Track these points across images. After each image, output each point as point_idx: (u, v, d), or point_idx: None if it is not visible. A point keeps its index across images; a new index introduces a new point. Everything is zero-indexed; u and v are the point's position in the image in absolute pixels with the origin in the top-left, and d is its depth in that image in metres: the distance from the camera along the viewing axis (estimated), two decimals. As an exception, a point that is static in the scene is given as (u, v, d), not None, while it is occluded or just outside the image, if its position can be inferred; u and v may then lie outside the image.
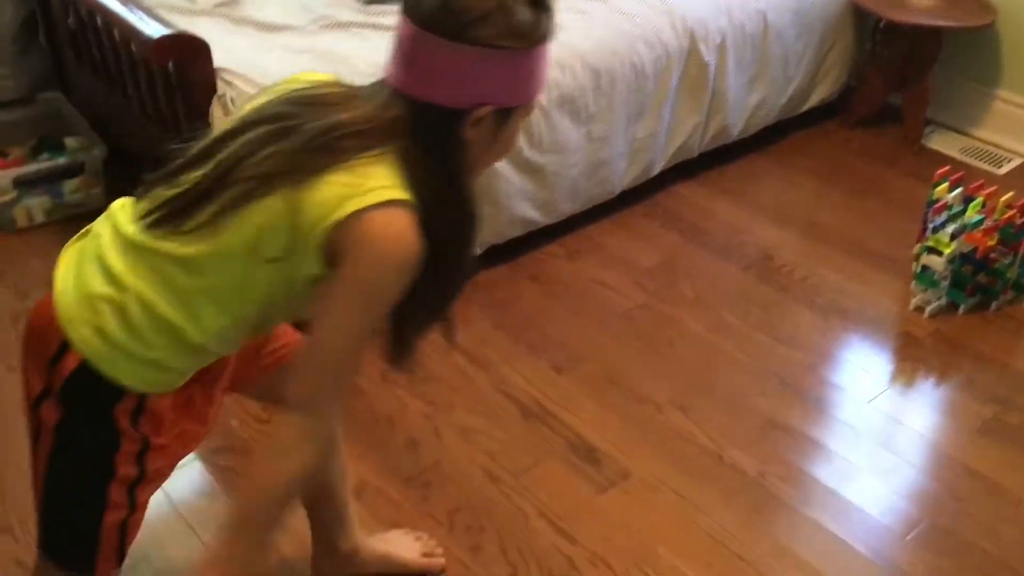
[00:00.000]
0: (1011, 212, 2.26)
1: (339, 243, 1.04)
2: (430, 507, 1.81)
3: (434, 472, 1.89)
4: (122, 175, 2.57)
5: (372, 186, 1.04)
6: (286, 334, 1.40)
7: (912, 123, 2.97)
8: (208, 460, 1.87)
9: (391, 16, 2.46)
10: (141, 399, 1.15)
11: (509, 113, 1.12)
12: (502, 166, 2.31)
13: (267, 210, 1.06)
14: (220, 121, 2.04)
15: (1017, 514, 1.79)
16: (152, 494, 1.26)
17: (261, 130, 1.08)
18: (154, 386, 1.15)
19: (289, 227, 1.06)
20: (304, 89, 1.13)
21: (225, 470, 1.87)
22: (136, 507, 1.22)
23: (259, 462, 1.18)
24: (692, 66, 2.64)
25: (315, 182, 1.04)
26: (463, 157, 1.12)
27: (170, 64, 2.04)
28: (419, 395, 2.07)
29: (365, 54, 2.24)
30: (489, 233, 2.40)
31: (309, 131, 1.06)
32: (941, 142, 3.03)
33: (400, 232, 1.04)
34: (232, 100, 2.04)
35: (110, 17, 2.14)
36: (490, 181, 2.31)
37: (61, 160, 2.48)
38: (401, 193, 1.05)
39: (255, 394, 1.48)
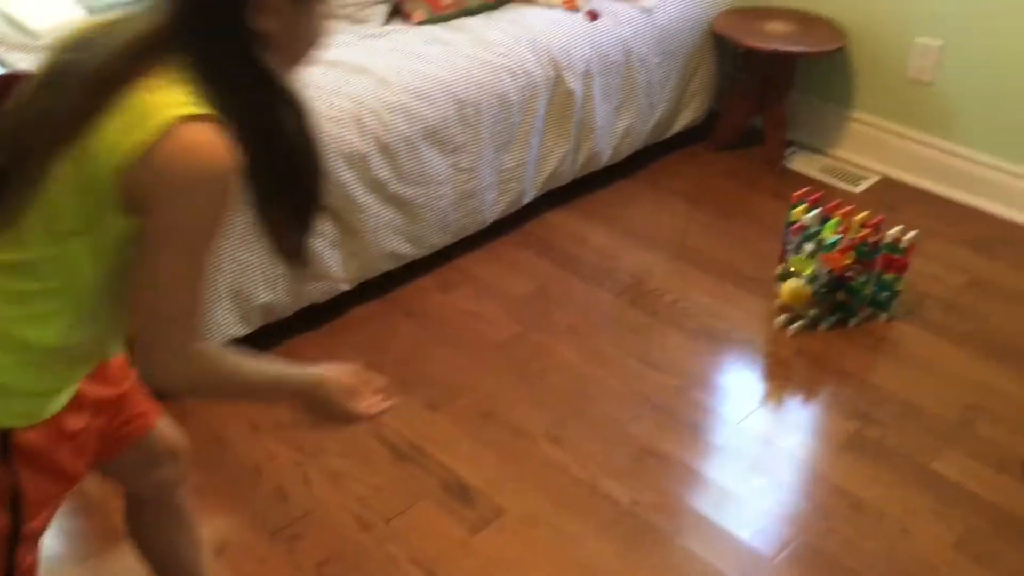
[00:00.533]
0: (865, 231, 2.34)
1: (136, 186, 0.91)
2: (298, 559, 1.74)
3: (303, 522, 1.82)
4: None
5: (156, 111, 0.90)
6: (141, 403, 1.31)
7: (773, 145, 3.06)
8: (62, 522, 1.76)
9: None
10: (3, 437, 1.04)
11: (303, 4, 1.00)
12: (367, 200, 2.26)
13: (56, 178, 0.94)
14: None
15: (879, 529, 1.84)
16: (35, 552, 1.13)
17: (34, 90, 0.97)
18: (13, 418, 1.05)
19: (79, 188, 0.93)
20: (76, 33, 1.01)
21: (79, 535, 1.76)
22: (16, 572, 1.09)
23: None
24: (558, 95, 2.66)
25: (94, 128, 0.92)
26: (263, 53, 0.98)
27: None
28: (288, 441, 2.00)
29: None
30: (358, 268, 2.35)
31: (78, 74, 0.94)
32: (802, 162, 3.13)
33: (200, 151, 0.90)
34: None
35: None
36: (355, 216, 2.26)
37: None
38: (192, 107, 0.91)
39: (113, 471, 1.33)
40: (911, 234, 2.32)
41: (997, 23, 2.69)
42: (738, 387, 2.20)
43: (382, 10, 2.63)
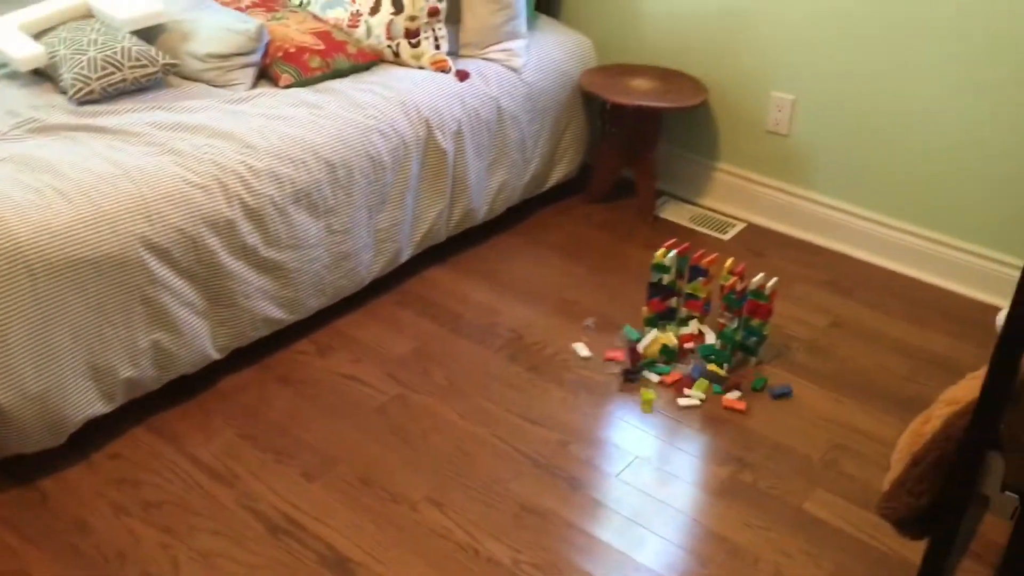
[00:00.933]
0: (733, 279, 2.41)
1: None
2: (167, 650, 1.66)
3: (172, 608, 1.74)
4: None
5: None
6: None
7: (645, 196, 3.14)
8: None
9: (107, 116, 2.34)
10: None
11: None
12: (236, 267, 2.22)
13: None
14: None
15: (754, 572, 1.88)
16: None
17: None
18: None
19: None
20: None
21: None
22: None
23: None
24: (431, 154, 2.68)
25: None
26: None
27: None
28: (154, 523, 1.91)
29: (73, 159, 2.10)
30: (230, 337, 2.29)
31: None
32: (673, 212, 3.22)
33: None
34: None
35: None
36: (224, 283, 2.21)
37: None
38: None
39: None
40: (773, 280, 2.41)
41: (843, 79, 2.85)
42: (616, 439, 2.23)
43: (249, 74, 2.60)
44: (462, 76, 2.81)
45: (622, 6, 3.21)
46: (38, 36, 2.55)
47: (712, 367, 2.40)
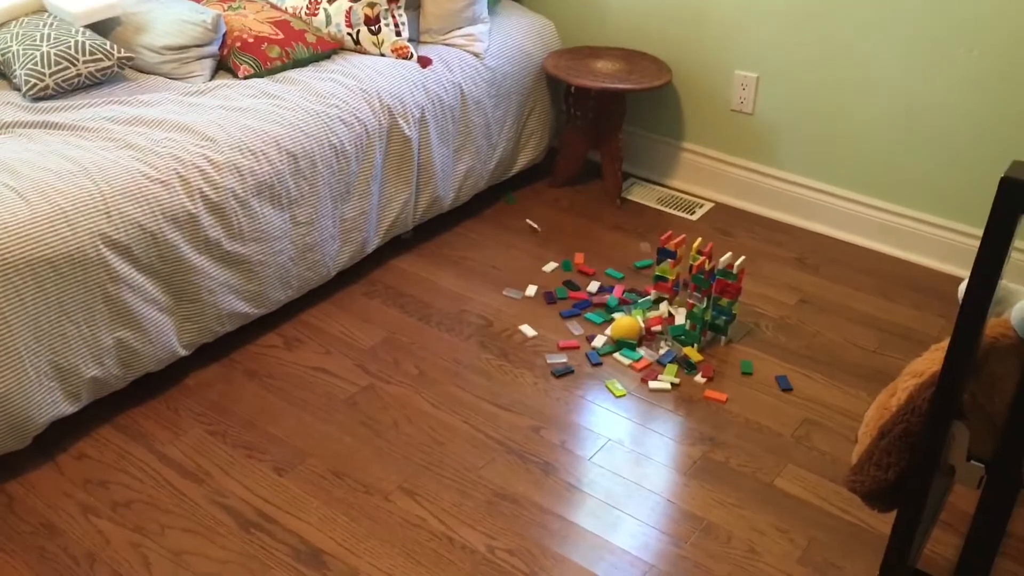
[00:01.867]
0: (701, 258, 2.42)
1: None
2: (139, 650, 1.64)
3: (144, 608, 1.72)
4: None
5: None
6: None
7: (611, 178, 3.14)
8: None
9: (62, 112, 2.30)
10: None
11: None
12: (199, 261, 2.19)
13: None
14: None
15: (727, 551, 1.89)
16: None
17: None
18: None
19: None
20: None
21: None
22: None
23: None
24: (394, 142, 2.66)
25: None
26: None
27: None
28: (124, 522, 1.89)
29: (30, 157, 2.07)
30: (196, 332, 2.26)
31: None
32: (640, 194, 3.22)
33: None
34: None
35: None
36: (187, 278, 2.18)
37: None
38: None
39: None
40: (740, 259, 2.41)
41: (805, 56, 2.85)
42: (589, 423, 2.23)
43: (207, 65, 2.57)
44: (424, 63, 2.79)
45: (584, -12, 3.20)
46: (-11, 32, 2.50)
47: (687, 350, 2.40)
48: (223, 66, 2.64)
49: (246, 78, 2.57)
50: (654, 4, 3.08)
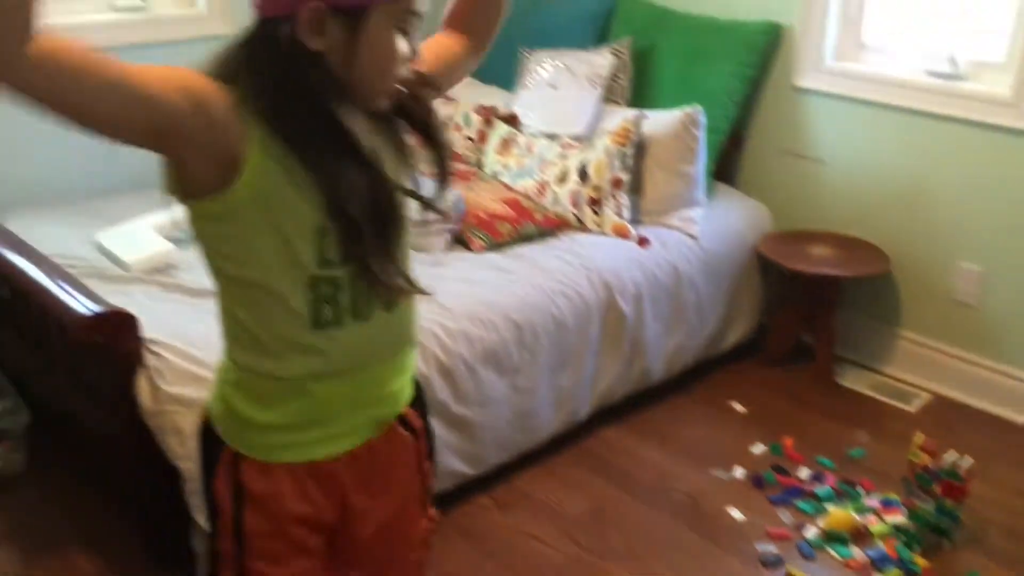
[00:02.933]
0: (924, 457, 2.34)
1: None
2: None
3: None
4: (45, 442, 2.55)
5: None
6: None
7: (824, 361, 3.11)
8: None
9: (320, 279, 2.56)
10: (235, 460, 1.25)
11: (358, 14, 1.09)
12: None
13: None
14: (145, 394, 2.05)
15: None
16: None
17: None
18: (235, 432, 1.26)
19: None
20: None
21: None
22: None
23: None
24: (611, 316, 2.77)
25: None
26: (318, 72, 1.10)
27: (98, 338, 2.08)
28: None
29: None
30: (417, 489, 2.39)
31: None
32: (853, 379, 3.17)
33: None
34: (159, 372, 2.07)
35: (40, 293, 2.19)
36: (417, 439, 2.33)
37: (-18, 429, 2.45)
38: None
39: None
40: (968, 461, 2.32)
41: (1037, 248, 2.78)
42: (800, 618, 2.15)
43: (445, 238, 2.81)
44: (642, 242, 2.93)
45: (799, 174, 3.27)
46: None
47: (918, 559, 2.28)
48: (459, 239, 2.87)
49: (480, 252, 2.78)
50: (871, 191, 3.11)
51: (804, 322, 3.15)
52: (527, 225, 2.87)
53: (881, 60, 3.07)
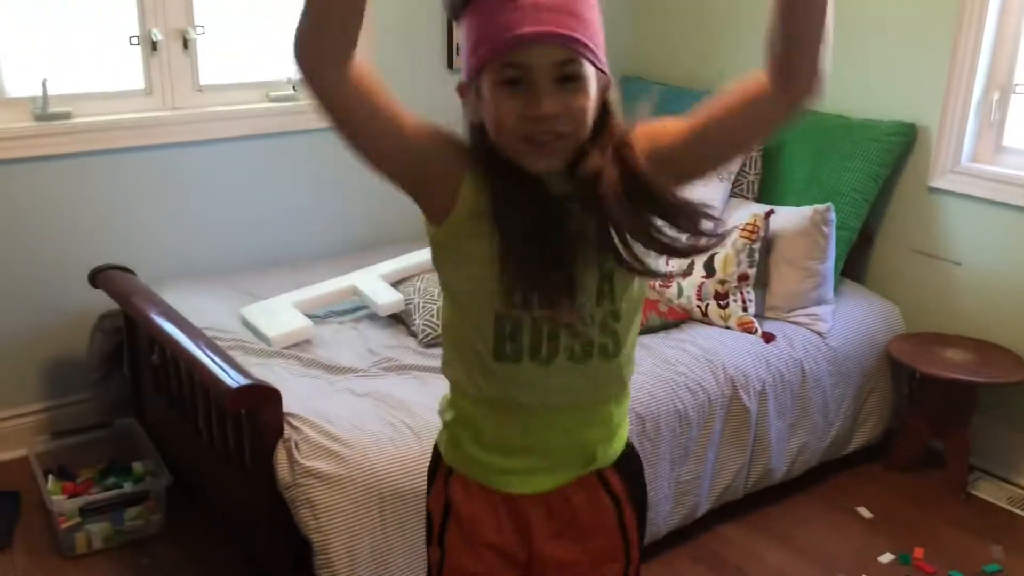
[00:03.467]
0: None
1: None
2: None
3: None
4: (183, 504, 2.67)
5: None
6: None
7: (955, 470, 2.99)
8: None
9: (449, 360, 2.64)
10: (448, 474, 1.39)
11: (478, 80, 1.20)
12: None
13: None
14: (283, 466, 2.14)
15: None
16: None
17: None
18: (447, 447, 1.40)
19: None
20: None
21: None
22: None
23: None
24: (734, 411, 2.75)
25: None
26: (475, 140, 1.25)
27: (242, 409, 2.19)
28: None
29: (422, 398, 2.38)
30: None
31: None
32: (987, 490, 3.03)
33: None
34: (296, 444, 2.16)
35: (192, 363, 2.33)
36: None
37: (127, 488, 2.58)
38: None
39: None
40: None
41: None
42: None
43: (570, 326, 2.85)
44: (768, 338, 2.91)
45: (932, 275, 3.20)
46: (396, 284, 2.96)
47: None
48: (583, 327, 2.91)
49: (604, 341, 2.81)
50: (1009, 296, 3.01)
51: (935, 428, 3.04)
52: (652, 316, 2.89)
53: (1022, 163, 3.01)
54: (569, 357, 1.30)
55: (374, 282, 2.94)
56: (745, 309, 2.95)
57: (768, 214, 3.01)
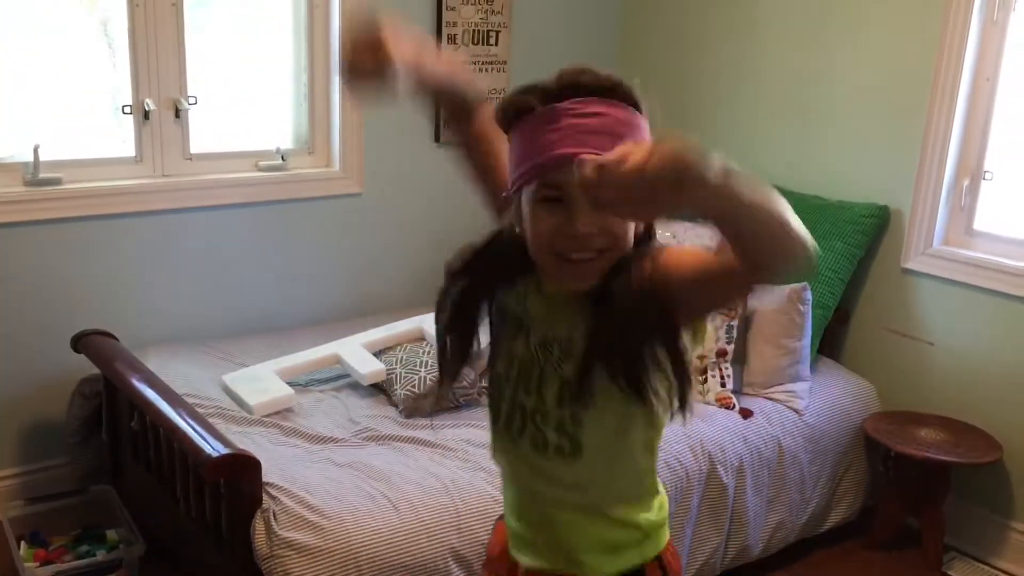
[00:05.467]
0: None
1: None
2: None
3: None
4: (157, 573, 2.64)
5: None
6: None
7: (931, 549, 3.01)
8: None
9: (427, 430, 2.65)
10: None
11: (518, 193, 1.26)
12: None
13: None
14: (260, 536, 2.14)
15: None
16: None
17: None
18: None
19: None
20: None
21: None
22: None
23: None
24: (711, 487, 2.76)
25: None
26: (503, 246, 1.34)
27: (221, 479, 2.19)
28: None
29: (401, 469, 2.39)
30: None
31: None
32: (963, 570, 3.04)
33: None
34: (275, 514, 2.16)
35: (172, 430, 2.33)
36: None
37: (100, 556, 2.56)
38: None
39: None
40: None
41: None
42: None
43: (550, 399, 2.87)
44: (745, 414, 2.94)
45: (906, 354, 3.26)
46: (379, 354, 2.98)
47: None
48: (563, 400, 2.93)
49: (583, 414, 2.83)
50: (984, 376, 3.06)
51: (911, 506, 3.07)
52: (631, 390, 2.92)
53: (992, 247, 3.09)
54: (532, 442, 1.35)
55: (357, 351, 2.96)
56: (723, 385, 2.98)
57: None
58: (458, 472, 2.42)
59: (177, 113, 3.11)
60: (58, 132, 2.99)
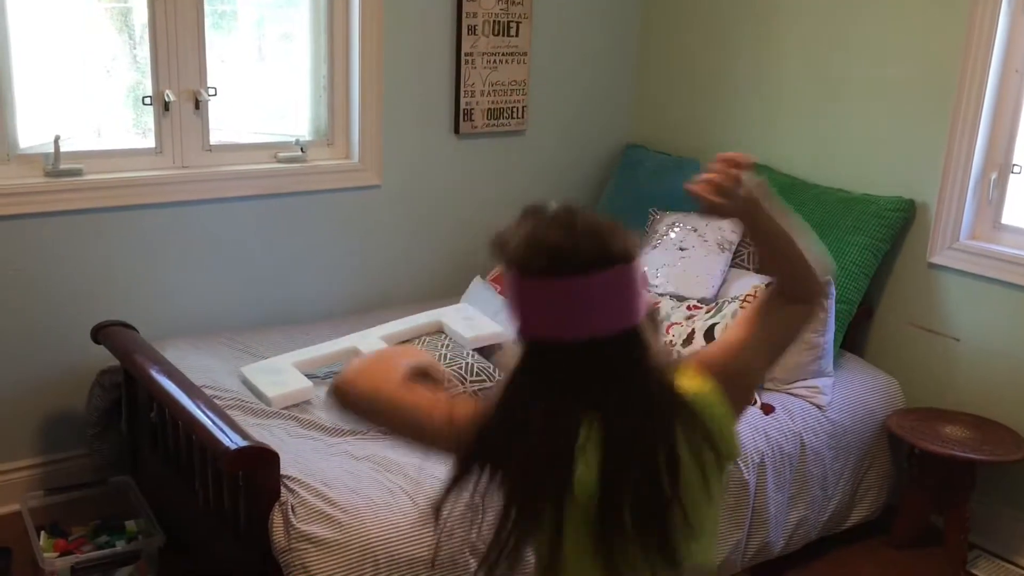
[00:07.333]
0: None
1: None
2: None
3: None
4: (175, 564, 2.65)
5: None
6: None
7: (955, 548, 2.96)
8: None
9: (448, 425, 2.63)
10: None
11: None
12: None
13: None
14: (278, 529, 2.13)
15: None
16: None
17: None
18: None
19: None
20: None
21: None
22: None
23: None
24: (732, 484, 2.73)
25: None
26: None
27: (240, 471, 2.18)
28: None
29: (419, 462, 2.37)
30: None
31: None
32: (987, 569, 3.00)
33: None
34: (292, 507, 2.15)
35: (191, 422, 2.32)
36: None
37: (119, 547, 2.56)
38: None
39: None
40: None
41: None
42: None
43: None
44: (767, 409, 2.90)
45: (931, 350, 3.21)
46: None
47: None
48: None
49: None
50: (1010, 373, 3.01)
51: (935, 505, 3.02)
52: (651, 385, 2.89)
53: (1020, 241, 3.04)
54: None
55: (375, 343, 2.94)
56: (745, 380, 2.95)
57: (768, 285, 3.02)
58: (476, 466, 2.40)
59: (197, 104, 3.11)
60: (79, 123, 2.99)
